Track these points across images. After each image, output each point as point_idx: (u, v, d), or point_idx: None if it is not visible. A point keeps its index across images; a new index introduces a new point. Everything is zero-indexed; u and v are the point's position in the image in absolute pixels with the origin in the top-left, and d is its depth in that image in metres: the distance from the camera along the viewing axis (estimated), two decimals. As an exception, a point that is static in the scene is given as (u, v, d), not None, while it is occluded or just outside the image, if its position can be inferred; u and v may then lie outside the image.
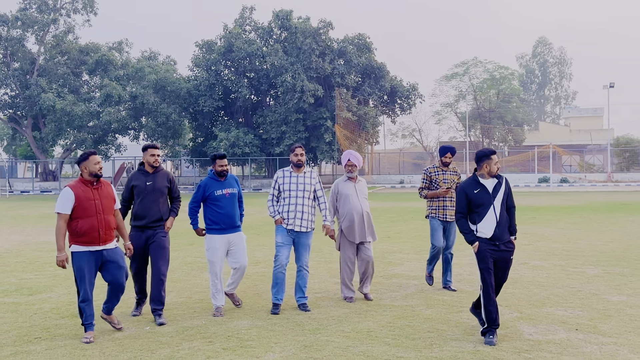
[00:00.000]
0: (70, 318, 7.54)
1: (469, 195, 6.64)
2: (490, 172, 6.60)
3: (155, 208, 7.51)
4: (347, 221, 8.23)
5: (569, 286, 8.99)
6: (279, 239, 7.83)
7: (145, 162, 7.66)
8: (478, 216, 6.58)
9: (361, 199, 8.35)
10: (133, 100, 49.84)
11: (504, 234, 6.55)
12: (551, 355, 5.83)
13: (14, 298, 8.76)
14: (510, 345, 6.17)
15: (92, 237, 6.52)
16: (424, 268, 10.62)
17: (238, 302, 8.07)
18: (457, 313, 7.55)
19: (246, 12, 54.85)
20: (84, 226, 6.48)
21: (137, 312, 7.71)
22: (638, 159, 56.93)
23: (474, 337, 6.49)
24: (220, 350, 6.12)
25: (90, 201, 6.54)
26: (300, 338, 6.53)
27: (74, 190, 6.54)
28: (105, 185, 6.78)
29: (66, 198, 6.51)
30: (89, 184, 6.64)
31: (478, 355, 5.85)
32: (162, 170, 7.79)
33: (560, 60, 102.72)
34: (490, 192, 6.59)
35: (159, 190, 7.57)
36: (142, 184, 7.54)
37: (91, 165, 6.62)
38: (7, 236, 17.08)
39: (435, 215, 8.91)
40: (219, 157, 7.88)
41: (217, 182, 7.85)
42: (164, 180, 7.66)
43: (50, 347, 6.34)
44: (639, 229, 16.28)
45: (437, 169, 9.11)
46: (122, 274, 6.69)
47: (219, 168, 7.84)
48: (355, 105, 50.29)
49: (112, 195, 6.81)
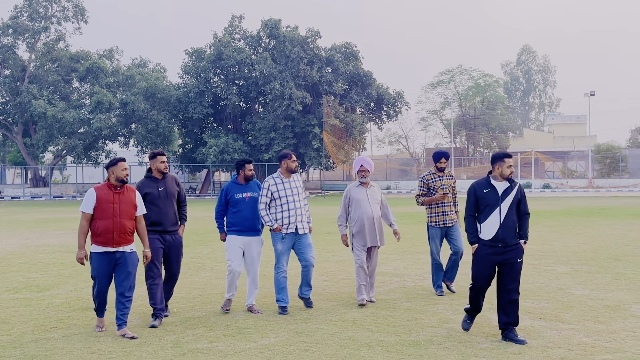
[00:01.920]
0: (81, 311, 8.22)
1: (478, 195, 6.80)
2: (502, 174, 6.73)
3: (170, 213, 7.75)
4: (357, 226, 8.44)
5: (539, 282, 9.79)
6: (280, 247, 8.05)
7: (155, 169, 7.85)
8: (483, 216, 6.73)
9: (372, 204, 8.52)
10: (123, 107, 50.48)
11: (509, 237, 6.62)
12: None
13: (25, 294, 9.41)
14: (479, 331, 6.95)
15: (106, 238, 6.85)
16: (406, 267, 11.40)
17: (257, 312, 8.03)
18: (435, 305, 8.32)
19: (235, 21, 55.60)
20: (100, 227, 6.84)
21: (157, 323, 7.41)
22: (618, 166, 58.13)
23: (448, 324, 7.25)
24: (221, 336, 6.86)
25: (109, 204, 6.88)
26: (293, 326, 7.28)
27: (97, 191, 6.94)
28: (128, 191, 7.08)
29: (88, 198, 6.93)
30: (112, 188, 6.98)
31: (450, 339, 6.62)
32: (169, 175, 8.01)
33: (544, 68, 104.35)
34: (500, 194, 6.70)
35: (172, 194, 7.82)
36: (155, 190, 7.72)
37: (118, 171, 6.97)
38: (6, 239, 17.63)
39: (435, 223, 8.97)
40: (247, 162, 8.18)
41: (239, 186, 8.16)
42: (173, 185, 7.91)
43: (66, 334, 7.04)
44: (612, 231, 17.12)
45: (434, 175, 9.13)
46: (128, 281, 6.95)
47: (249, 172, 8.14)
48: (342, 113, 51.16)
49: (134, 201, 7.09)
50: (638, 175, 57.38)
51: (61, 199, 49.21)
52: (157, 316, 7.46)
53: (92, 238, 6.95)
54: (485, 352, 6.15)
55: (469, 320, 6.97)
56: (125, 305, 6.97)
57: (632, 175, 57.54)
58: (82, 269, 11.64)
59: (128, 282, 6.98)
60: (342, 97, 53.82)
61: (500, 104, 73.25)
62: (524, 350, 6.21)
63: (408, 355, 6.05)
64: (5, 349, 6.45)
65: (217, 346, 6.51)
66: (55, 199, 48.55)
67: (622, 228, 18.05)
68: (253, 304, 8.10)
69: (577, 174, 60.82)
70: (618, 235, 16.07)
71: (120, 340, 6.74)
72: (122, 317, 6.95)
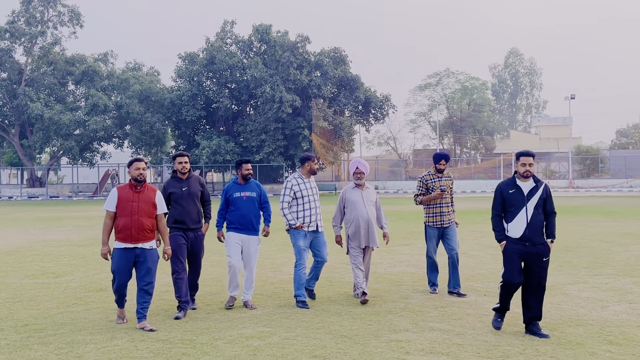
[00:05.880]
0: (96, 291, 9.54)
1: (504, 195, 6.88)
2: (518, 172, 6.88)
3: (193, 211, 8.08)
4: (353, 227, 8.65)
5: (493, 268, 11.21)
6: (301, 244, 8.41)
7: (176, 169, 8.22)
8: (510, 215, 6.82)
9: (368, 205, 8.70)
10: (118, 110, 51.95)
11: (535, 236, 6.73)
12: (458, 309, 8.04)
13: (43, 280, 10.70)
14: (431, 304, 8.38)
15: (126, 235, 7.15)
16: (382, 257, 12.79)
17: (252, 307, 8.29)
18: (399, 286, 9.74)
19: (227, 26, 57.09)
20: (120, 224, 7.17)
21: (181, 315, 7.79)
22: (598, 167, 59.79)
23: (407, 300, 8.65)
24: (226, 311, 8.25)
25: (129, 202, 7.19)
26: (277, 302, 8.70)
27: (118, 190, 7.31)
28: (148, 190, 7.35)
29: (111, 197, 7.29)
30: (133, 187, 7.29)
31: (406, 310, 8.03)
32: (194, 175, 8.32)
33: (531, 70, 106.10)
34: (525, 194, 6.77)
35: (194, 194, 8.13)
36: (178, 190, 8.05)
37: (132, 171, 7.28)
38: (14, 235, 18.90)
39: (433, 223, 9.11)
40: (244, 161, 8.45)
41: (238, 186, 8.44)
42: (197, 185, 8.22)
43: (87, 309, 8.36)
44: (574, 227, 18.59)
45: (433, 176, 9.21)
46: (148, 277, 7.22)
47: (245, 172, 8.40)
48: (331, 115, 52.75)
49: (153, 200, 7.33)
50: (619, 176, 59.06)
51: (57, 198, 50.47)
52: (182, 308, 7.82)
53: (115, 235, 7.30)
54: (432, 318, 7.57)
55: (499, 318, 7.06)
56: (145, 299, 7.24)
57: (614, 176, 59.20)
58: (91, 259, 13.03)
59: (148, 278, 7.24)
60: (331, 100, 55.41)
61: (487, 106, 74.87)
62: (463, 316, 7.64)
63: (369, 321, 7.45)
64: (37, 319, 7.78)
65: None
66: (52, 199, 49.82)
67: (585, 224, 19.55)
68: (249, 299, 8.37)
69: (558, 174, 62.45)
70: (578, 231, 17.54)
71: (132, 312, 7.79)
72: (142, 310, 7.24)
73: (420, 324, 7.28)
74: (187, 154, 8.36)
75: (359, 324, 7.35)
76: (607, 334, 6.75)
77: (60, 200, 48.76)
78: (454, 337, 6.70)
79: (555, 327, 6.99)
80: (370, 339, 6.63)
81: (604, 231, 17.43)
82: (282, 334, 6.87)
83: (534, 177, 6.88)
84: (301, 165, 8.74)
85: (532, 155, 6.88)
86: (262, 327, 7.21)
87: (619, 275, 10.42)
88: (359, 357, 6.02)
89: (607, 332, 6.80)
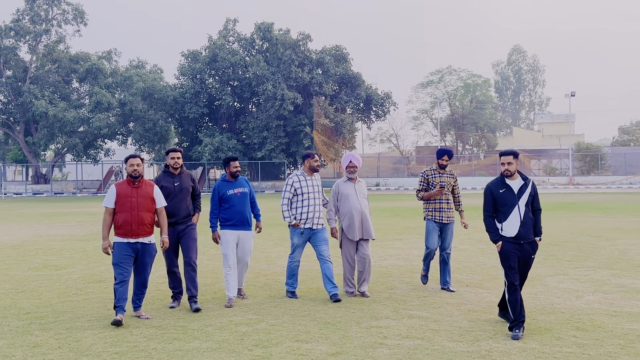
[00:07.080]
0: (96, 283, 9.95)
1: (495, 194, 6.86)
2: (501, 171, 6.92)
3: (184, 206, 8.22)
4: (347, 220, 8.65)
5: (479, 261, 11.60)
6: (296, 241, 8.62)
7: (168, 164, 8.36)
8: (503, 215, 6.79)
9: (360, 198, 8.76)
10: (122, 107, 52.51)
11: (528, 233, 6.75)
12: (440, 299, 8.43)
13: (45, 272, 11.13)
14: (414, 294, 8.78)
15: (126, 230, 7.31)
16: (373, 251, 13.14)
17: (244, 296, 8.63)
18: (386, 277, 10.13)
19: (230, 24, 57.52)
20: (120, 219, 7.32)
21: (175, 304, 8.16)
22: (598, 164, 60.02)
23: (392, 290, 9.04)
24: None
25: (127, 198, 7.35)
26: (268, 292, 9.11)
27: (116, 187, 7.46)
28: (145, 186, 7.53)
29: (109, 193, 7.45)
30: (130, 183, 7.46)
31: (390, 299, 8.43)
32: (185, 171, 8.45)
33: (534, 67, 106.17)
34: (516, 192, 6.77)
35: (186, 189, 8.28)
36: (170, 185, 8.19)
37: (127, 167, 7.47)
38: (18, 230, 19.38)
39: (432, 217, 9.13)
40: (232, 159, 8.55)
41: (229, 183, 8.54)
42: (188, 180, 8.37)
43: (86, 299, 8.78)
44: (566, 223, 18.95)
45: (434, 172, 9.22)
46: (145, 271, 7.51)
47: (234, 169, 8.50)
48: (332, 113, 53.15)
49: (151, 194, 7.51)
50: (619, 173, 59.30)
51: (62, 195, 51.05)
52: (176, 298, 8.22)
53: (114, 230, 7.44)
54: (413, 307, 7.96)
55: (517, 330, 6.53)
56: (141, 291, 7.58)
57: (614, 173, 59.44)
58: (93, 253, 13.46)
59: (145, 272, 7.52)
60: (332, 98, 55.79)
61: (489, 103, 75.12)
62: (443, 305, 8.03)
63: (353, 309, 7.85)
64: (38, 308, 8.19)
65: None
66: (56, 195, 50.38)
67: (577, 220, 19.91)
68: (241, 287, 8.68)
69: (558, 171, 62.68)
70: (569, 226, 17.90)
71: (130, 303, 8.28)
72: (137, 301, 7.60)
73: (401, 312, 7.68)
74: (180, 149, 8.55)
75: (343, 312, 7.74)
76: (576, 321, 7.13)
77: (64, 196, 49.34)
78: (431, 323, 7.09)
79: (528, 315, 7.35)
80: (351, 325, 7.03)
81: (593, 227, 17.78)
82: (270, 321, 7.28)
83: (521, 175, 6.89)
84: (302, 163, 8.97)
85: (513, 154, 6.86)
86: (251, 315, 7.62)
87: (599, 267, 10.77)
88: (339, 341, 6.42)
89: (576, 320, 7.18)
